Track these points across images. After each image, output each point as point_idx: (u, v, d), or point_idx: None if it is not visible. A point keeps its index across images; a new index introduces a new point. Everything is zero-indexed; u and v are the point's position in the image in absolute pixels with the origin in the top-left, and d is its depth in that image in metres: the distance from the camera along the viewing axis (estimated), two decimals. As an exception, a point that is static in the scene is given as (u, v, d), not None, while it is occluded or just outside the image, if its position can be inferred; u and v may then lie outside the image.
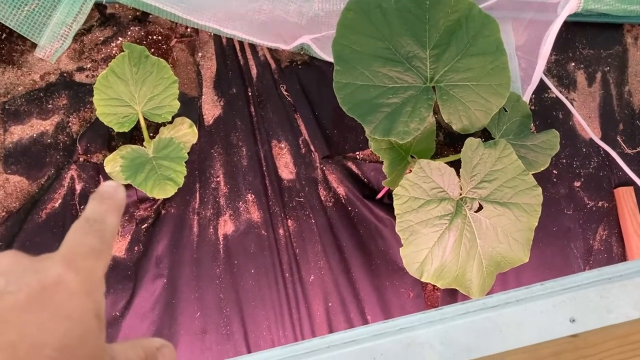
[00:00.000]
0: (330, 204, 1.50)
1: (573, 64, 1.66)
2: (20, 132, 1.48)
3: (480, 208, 1.23)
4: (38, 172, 1.46)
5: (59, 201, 1.45)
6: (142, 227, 1.45)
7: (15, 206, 1.44)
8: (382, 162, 1.29)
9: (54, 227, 1.43)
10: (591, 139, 1.59)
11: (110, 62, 1.37)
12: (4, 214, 1.44)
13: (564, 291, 0.67)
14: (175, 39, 1.57)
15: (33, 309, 0.28)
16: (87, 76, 1.53)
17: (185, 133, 1.45)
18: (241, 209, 1.48)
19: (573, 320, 0.64)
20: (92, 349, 0.30)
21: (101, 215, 0.36)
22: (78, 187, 1.46)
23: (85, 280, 0.31)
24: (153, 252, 1.44)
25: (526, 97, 1.47)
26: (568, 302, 0.65)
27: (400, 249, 1.20)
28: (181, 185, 1.36)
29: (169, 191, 1.35)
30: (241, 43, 1.58)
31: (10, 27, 1.47)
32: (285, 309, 1.44)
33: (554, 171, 1.57)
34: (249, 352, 1.41)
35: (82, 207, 1.45)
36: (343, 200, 1.51)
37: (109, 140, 1.49)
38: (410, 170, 1.21)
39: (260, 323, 1.43)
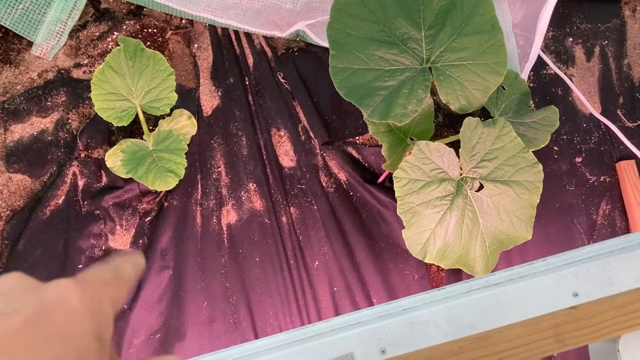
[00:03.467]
0: (332, 189, 1.51)
1: (571, 39, 1.65)
2: (20, 131, 1.48)
3: (481, 187, 1.23)
4: (40, 170, 1.47)
5: (62, 198, 1.45)
6: (146, 220, 1.46)
7: (19, 204, 1.45)
8: (381, 146, 1.29)
9: (59, 224, 1.44)
10: (591, 114, 1.59)
11: (106, 57, 1.37)
12: (8, 212, 1.45)
13: (566, 266, 0.67)
14: (171, 31, 1.57)
15: (27, 331, 0.27)
16: (84, 72, 1.53)
17: (185, 125, 1.46)
18: (243, 198, 1.49)
19: (576, 295, 0.64)
20: None
21: (119, 262, 0.36)
22: (80, 183, 1.46)
23: (90, 301, 0.30)
24: (158, 245, 1.45)
25: (524, 75, 1.47)
26: (570, 276, 0.66)
27: (403, 231, 1.20)
28: (182, 177, 1.37)
29: (170, 183, 1.36)
30: (236, 32, 1.57)
31: (6, 26, 1.47)
32: (291, 295, 1.45)
33: (555, 148, 1.57)
34: (257, 339, 1.42)
35: (85, 202, 1.46)
36: (344, 186, 1.51)
37: (109, 135, 1.50)
38: (410, 153, 1.21)
39: (267, 310, 1.44)
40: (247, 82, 1.55)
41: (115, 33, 1.55)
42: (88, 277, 0.32)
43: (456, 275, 1.48)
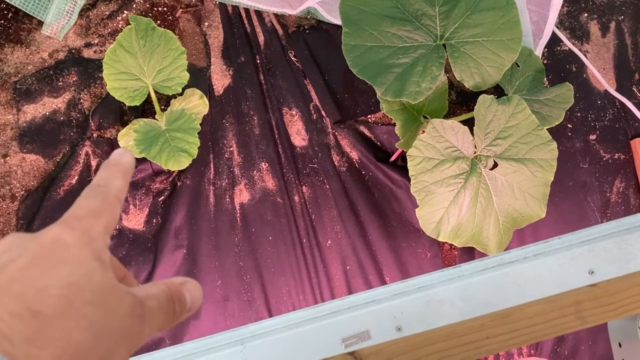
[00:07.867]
0: (344, 168, 1.50)
1: (586, 14, 1.62)
2: (33, 111, 1.49)
3: (495, 165, 1.22)
4: (53, 150, 1.48)
5: (76, 177, 1.46)
6: (159, 199, 1.47)
7: (33, 185, 1.46)
8: (394, 124, 1.28)
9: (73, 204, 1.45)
10: (606, 91, 1.57)
11: (117, 36, 1.37)
12: (23, 192, 1.46)
13: (581, 244, 0.67)
14: (181, 10, 1.56)
15: (34, 265, 0.32)
16: (95, 52, 1.53)
17: (196, 104, 1.45)
18: (256, 177, 1.49)
19: (592, 272, 0.64)
20: (99, 283, 0.33)
21: (106, 179, 0.38)
22: (93, 162, 1.47)
23: (82, 235, 0.34)
24: (171, 224, 1.46)
25: (538, 51, 1.45)
26: (586, 254, 0.65)
27: (416, 209, 1.20)
28: (195, 157, 1.37)
29: (184, 163, 1.36)
30: (247, 10, 1.56)
31: (16, 5, 1.46)
32: (304, 273, 1.45)
33: (569, 125, 1.55)
34: (271, 317, 1.43)
35: (99, 182, 1.46)
36: (357, 165, 1.51)
37: (121, 114, 1.50)
38: (424, 131, 1.20)
39: (280, 288, 1.45)
40: (258, 61, 1.54)
41: (126, 12, 1.54)
42: (77, 213, 0.35)
43: (469, 253, 1.48)
